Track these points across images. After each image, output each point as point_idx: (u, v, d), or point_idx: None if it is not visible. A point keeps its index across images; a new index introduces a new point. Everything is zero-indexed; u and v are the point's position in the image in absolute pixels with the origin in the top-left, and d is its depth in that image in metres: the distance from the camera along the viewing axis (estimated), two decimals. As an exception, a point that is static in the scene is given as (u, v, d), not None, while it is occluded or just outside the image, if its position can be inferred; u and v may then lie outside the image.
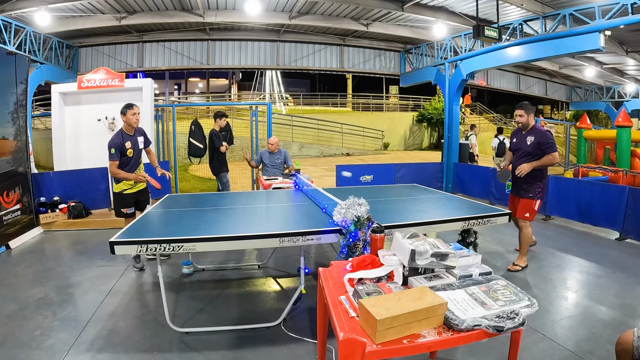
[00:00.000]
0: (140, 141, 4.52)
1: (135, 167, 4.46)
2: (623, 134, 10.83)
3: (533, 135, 4.26)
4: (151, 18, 9.22)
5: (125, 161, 4.34)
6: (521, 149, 4.35)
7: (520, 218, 4.35)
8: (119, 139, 4.28)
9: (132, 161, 4.39)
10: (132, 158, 4.38)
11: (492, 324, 1.62)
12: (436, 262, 1.98)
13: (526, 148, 4.29)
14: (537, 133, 4.25)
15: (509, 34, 8.06)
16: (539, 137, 4.21)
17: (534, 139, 4.23)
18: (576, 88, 17.39)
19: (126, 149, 4.30)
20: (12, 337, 2.99)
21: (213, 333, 3.07)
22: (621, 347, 2.01)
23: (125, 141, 4.31)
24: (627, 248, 5.28)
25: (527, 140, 4.29)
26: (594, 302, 3.60)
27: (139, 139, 4.49)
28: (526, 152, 4.28)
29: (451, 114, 9.74)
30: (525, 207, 4.31)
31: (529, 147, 4.26)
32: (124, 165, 4.34)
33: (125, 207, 4.38)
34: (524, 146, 4.32)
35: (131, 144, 4.36)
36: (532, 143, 4.24)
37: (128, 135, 4.38)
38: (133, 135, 4.43)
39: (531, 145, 4.25)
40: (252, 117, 8.71)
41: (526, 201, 4.31)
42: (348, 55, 11.66)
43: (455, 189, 9.22)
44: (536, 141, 4.21)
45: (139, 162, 4.53)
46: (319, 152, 17.85)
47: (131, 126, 4.37)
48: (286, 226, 3.17)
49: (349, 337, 1.59)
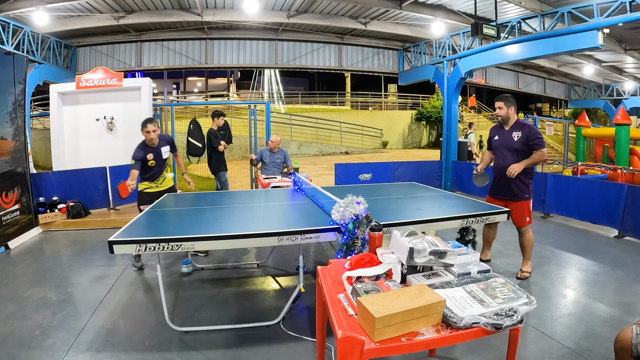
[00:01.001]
0: (165, 150, 4.65)
1: (159, 174, 4.64)
2: (622, 131, 10.84)
3: (519, 130, 3.90)
4: (149, 17, 9.21)
5: (148, 169, 4.52)
6: (506, 146, 3.99)
7: (523, 225, 4.05)
8: (140, 152, 4.43)
9: (154, 169, 4.57)
10: (154, 167, 4.56)
11: (491, 322, 1.63)
12: (434, 260, 1.98)
13: (513, 144, 3.92)
14: (523, 127, 3.91)
15: (508, 32, 8.06)
16: (527, 132, 3.86)
17: (521, 134, 3.88)
18: (575, 86, 17.41)
19: (147, 160, 4.47)
20: (12, 337, 2.99)
21: (212, 332, 3.07)
22: (620, 345, 2.02)
23: (146, 153, 4.47)
24: (626, 245, 5.29)
25: (512, 136, 3.93)
26: (593, 300, 3.61)
27: (162, 149, 4.62)
28: (514, 149, 3.92)
29: (450, 112, 9.74)
30: (524, 210, 4.01)
31: (517, 144, 3.90)
32: (146, 172, 4.52)
33: (142, 205, 4.47)
34: (509, 143, 3.95)
35: (153, 155, 4.51)
36: (520, 139, 3.88)
37: (150, 147, 4.51)
38: (156, 147, 4.55)
39: (519, 141, 3.89)
40: (251, 116, 8.71)
41: (523, 204, 4.00)
42: (346, 53, 11.66)
43: (454, 187, 9.23)
44: (524, 136, 3.86)
45: (162, 169, 4.69)
46: (317, 150, 17.85)
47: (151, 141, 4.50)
48: (285, 225, 3.17)
49: (347, 335, 1.59)
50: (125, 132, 8.00)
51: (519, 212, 3.99)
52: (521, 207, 4.00)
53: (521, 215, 4.01)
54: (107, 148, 7.92)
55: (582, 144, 13.72)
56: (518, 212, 3.99)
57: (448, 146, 9.74)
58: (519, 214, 4.00)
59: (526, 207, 4.03)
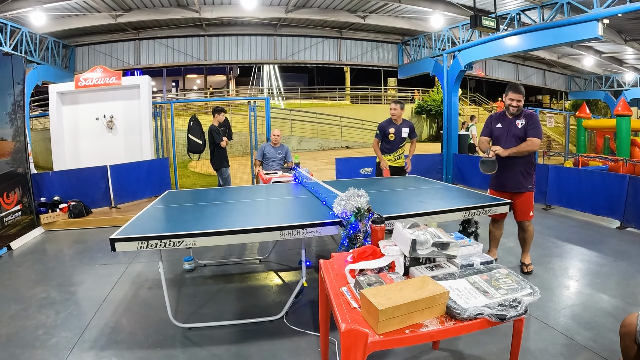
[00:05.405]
0: (405, 131, 5.57)
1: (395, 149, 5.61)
2: (623, 123, 10.79)
3: (524, 118, 3.82)
4: (147, 15, 9.18)
5: (387, 141, 5.56)
6: (511, 134, 3.86)
7: (527, 219, 3.97)
8: (384, 124, 5.57)
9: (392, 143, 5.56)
10: (392, 141, 5.54)
11: (495, 313, 1.62)
12: (437, 251, 1.97)
13: (518, 133, 3.83)
14: (526, 115, 3.85)
15: (507, 23, 8.02)
16: (529, 119, 3.79)
17: (525, 122, 3.81)
18: (575, 77, 17.34)
19: (389, 133, 5.49)
20: (16, 337, 2.99)
21: (216, 328, 3.08)
22: (625, 330, 2.02)
23: (389, 127, 5.51)
24: (628, 236, 5.28)
25: (517, 124, 3.84)
26: (596, 291, 3.61)
27: (403, 129, 5.55)
28: (518, 137, 3.82)
29: (450, 105, 9.71)
30: (528, 203, 3.93)
31: (520, 132, 3.82)
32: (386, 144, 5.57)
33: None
34: (514, 131, 3.84)
35: (394, 130, 5.51)
36: (524, 126, 3.80)
37: (394, 123, 5.52)
38: (399, 125, 5.54)
39: (522, 129, 3.81)
40: (251, 112, 8.69)
41: (527, 195, 3.91)
42: (345, 48, 11.62)
43: (455, 179, 9.21)
44: (527, 123, 3.80)
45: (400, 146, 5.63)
46: (318, 145, 17.83)
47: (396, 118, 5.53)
48: (287, 219, 3.16)
49: (351, 328, 1.59)
50: (125, 130, 7.99)
51: (523, 204, 3.92)
52: (526, 200, 3.92)
53: (525, 207, 3.92)
54: (107, 147, 7.92)
55: (583, 135, 13.68)
56: (523, 205, 3.92)
57: (449, 139, 9.71)
58: (523, 206, 3.92)
59: (530, 200, 3.95)
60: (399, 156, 5.66)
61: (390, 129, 5.54)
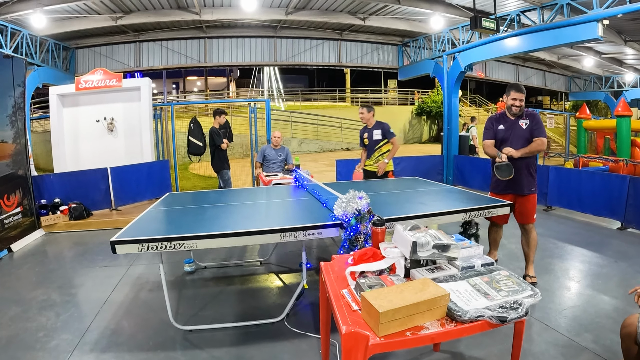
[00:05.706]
0: (377, 133, 5.45)
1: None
2: (623, 123, 10.79)
3: (527, 118, 3.73)
4: (147, 17, 9.19)
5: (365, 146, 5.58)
6: (515, 135, 3.76)
7: (530, 222, 3.85)
8: (361, 130, 5.61)
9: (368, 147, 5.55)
10: (368, 145, 5.53)
11: (496, 315, 1.62)
12: (438, 253, 1.97)
13: (523, 134, 3.73)
14: (528, 115, 3.76)
15: (507, 25, 8.02)
16: (532, 118, 3.72)
17: (528, 122, 3.72)
18: (575, 78, 17.33)
19: (364, 138, 5.55)
20: (16, 339, 2.99)
21: (216, 330, 3.07)
22: (626, 330, 2.01)
23: (364, 132, 5.60)
24: (629, 237, 5.28)
25: (521, 124, 3.74)
26: (597, 292, 3.60)
27: (374, 132, 5.47)
28: (524, 138, 3.72)
29: (450, 106, 9.71)
30: (532, 206, 3.82)
31: (526, 132, 3.72)
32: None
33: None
34: (520, 132, 3.75)
35: (367, 134, 5.52)
36: (528, 126, 3.72)
37: (367, 128, 5.52)
38: (371, 128, 5.49)
39: (527, 129, 3.72)
40: (251, 114, 8.69)
41: (531, 197, 3.81)
42: (345, 49, 11.62)
43: (455, 181, 9.20)
44: (532, 123, 3.72)
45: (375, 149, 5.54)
46: (318, 147, 17.82)
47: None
48: (287, 221, 3.16)
49: (351, 331, 1.59)
50: (125, 132, 7.99)
51: (528, 206, 3.81)
52: (530, 202, 3.82)
53: (529, 210, 3.82)
54: (107, 149, 7.92)
55: (583, 136, 13.67)
56: (527, 207, 3.82)
57: (449, 140, 9.71)
58: (528, 208, 3.82)
59: (534, 202, 3.85)
60: (377, 159, 5.51)
61: (364, 134, 5.57)
